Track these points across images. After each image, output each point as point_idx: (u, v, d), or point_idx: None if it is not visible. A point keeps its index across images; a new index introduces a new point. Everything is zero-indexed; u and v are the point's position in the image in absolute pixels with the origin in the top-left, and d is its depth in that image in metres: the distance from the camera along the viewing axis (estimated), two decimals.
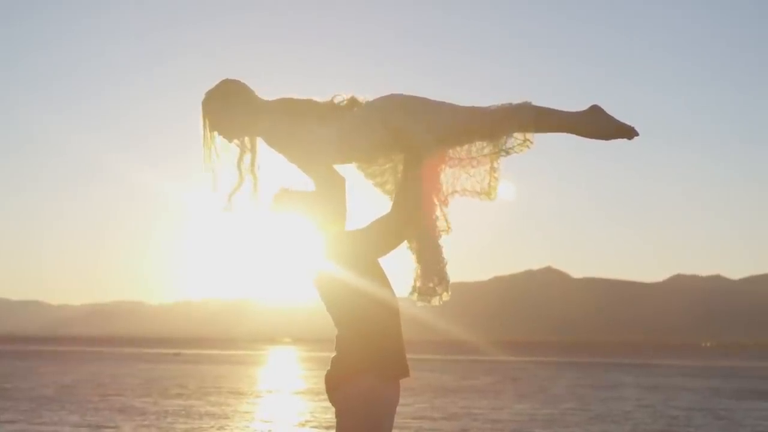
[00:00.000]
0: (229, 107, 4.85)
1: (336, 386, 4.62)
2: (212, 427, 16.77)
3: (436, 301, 4.96)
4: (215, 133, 4.89)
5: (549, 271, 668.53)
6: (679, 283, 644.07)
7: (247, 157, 4.96)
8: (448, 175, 4.99)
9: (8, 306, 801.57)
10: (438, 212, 4.93)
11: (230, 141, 4.91)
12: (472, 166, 4.91)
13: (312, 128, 4.81)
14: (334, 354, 4.71)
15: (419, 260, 4.93)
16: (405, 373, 4.68)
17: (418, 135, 4.73)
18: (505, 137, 4.79)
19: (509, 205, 4.90)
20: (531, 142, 4.79)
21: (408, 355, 4.64)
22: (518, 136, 4.78)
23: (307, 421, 17.91)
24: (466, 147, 4.89)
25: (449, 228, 4.98)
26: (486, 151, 4.86)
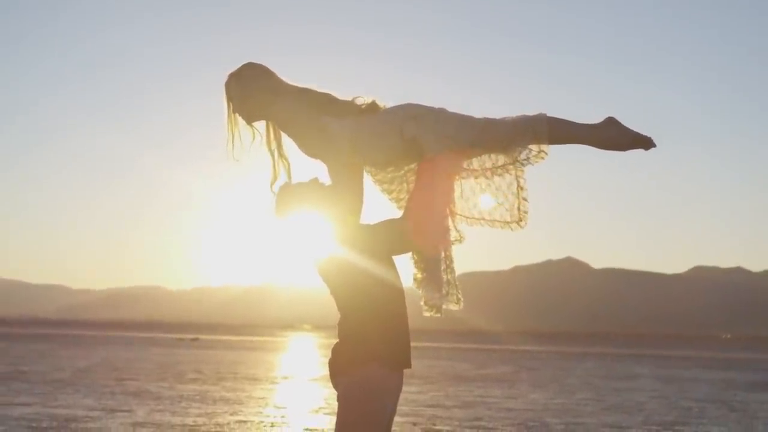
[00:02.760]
0: (251, 90, 4.85)
1: (339, 372, 4.65)
2: (226, 412, 16.81)
3: (436, 312, 4.98)
4: (237, 116, 4.90)
5: (569, 262, 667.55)
6: (699, 274, 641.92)
7: (274, 141, 5.00)
8: (467, 197, 4.98)
9: (29, 289, 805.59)
10: (449, 223, 4.94)
11: (249, 123, 4.92)
12: (486, 178, 4.90)
13: (328, 121, 4.81)
14: (336, 341, 4.74)
15: (425, 272, 4.94)
16: (407, 363, 4.70)
17: (431, 145, 4.72)
18: (519, 149, 4.78)
19: (530, 194, 4.89)
20: (546, 153, 4.77)
21: (426, 344, 4.68)
22: (533, 147, 4.76)
23: (320, 408, 17.94)
24: (482, 158, 4.89)
25: (462, 237, 4.99)
26: (500, 162, 4.86)
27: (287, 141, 5.01)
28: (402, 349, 4.66)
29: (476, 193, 4.94)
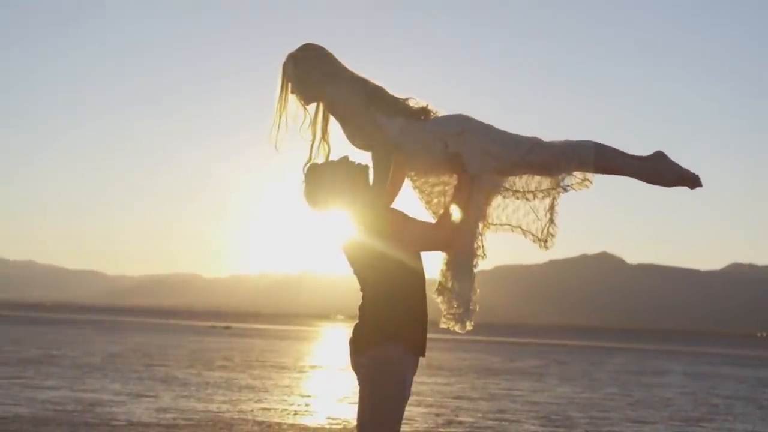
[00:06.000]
0: (307, 71, 4.84)
1: (360, 351, 4.66)
2: (250, 399, 16.87)
3: (459, 327, 4.95)
4: (290, 97, 4.90)
5: (604, 257, 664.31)
6: (736, 271, 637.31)
7: (320, 124, 5.00)
8: (505, 205, 4.97)
9: (66, 275, 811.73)
10: (479, 241, 4.92)
11: (306, 105, 4.93)
12: (527, 200, 4.89)
13: (379, 117, 4.80)
14: (357, 321, 4.75)
15: (452, 285, 4.93)
16: (422, 351, 4.72)
17: (473, 162, 4.72)
18: (564, 175, 4.77)
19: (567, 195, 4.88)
20: (590, 182, 4.78)
21: (457, 336, 4.66)
22: (578, 174, 4.76)
23: (345, 397, 17.95)
24: (524, 180, 4.88)
25: (485, 255, 4.98)
26: (543, 186, 4.85)
27: (334, 129, 5.01)
28: (418, 335, 4.67)
29: (515, 203, 4.94)
